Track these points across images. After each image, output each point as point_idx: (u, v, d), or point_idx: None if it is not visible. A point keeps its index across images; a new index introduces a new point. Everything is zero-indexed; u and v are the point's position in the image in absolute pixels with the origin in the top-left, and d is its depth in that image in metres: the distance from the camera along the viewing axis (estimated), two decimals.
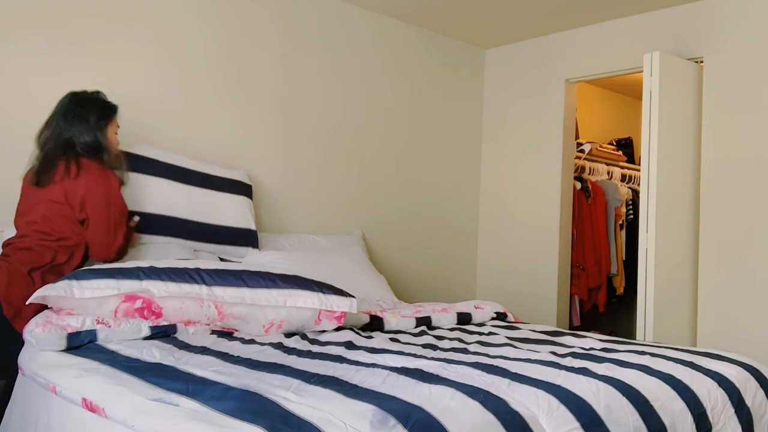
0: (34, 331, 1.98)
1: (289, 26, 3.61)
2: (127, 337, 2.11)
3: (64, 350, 1.98)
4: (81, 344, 2.02)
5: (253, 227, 3.18)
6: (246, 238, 3.14)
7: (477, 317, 2.95)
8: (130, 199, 2.61)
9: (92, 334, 2.05)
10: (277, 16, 3.56)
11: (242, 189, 3.23)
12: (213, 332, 2.28)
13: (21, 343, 2.09)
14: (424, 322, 2.74)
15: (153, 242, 2.81)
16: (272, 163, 3.54)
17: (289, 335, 2.36)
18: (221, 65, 3.34)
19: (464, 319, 2.89)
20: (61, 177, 2.35)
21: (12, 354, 2.10)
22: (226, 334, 2.29)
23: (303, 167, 3.68)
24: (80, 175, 2.36)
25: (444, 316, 2.83)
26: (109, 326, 2.09)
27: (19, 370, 2.05)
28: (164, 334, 2.18)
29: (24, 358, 2.03)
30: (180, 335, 2.21)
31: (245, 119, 3.44)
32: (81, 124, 2.41)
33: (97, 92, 2.53)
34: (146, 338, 2.14)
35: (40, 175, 2.38)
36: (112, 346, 2.00)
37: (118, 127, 2.56)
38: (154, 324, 2.18)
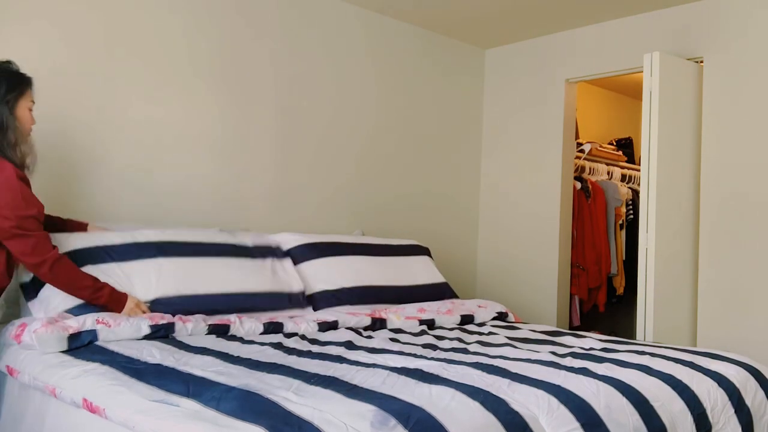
0: (37, 331, 1.97)
1: (286, 26, 3.60)
2: (127, 335, 2.11)
3: (64, 351, 1.98)
4: (82, 345, 2.01)
5: (443, 280, 3.37)
6: (443, 291, 3.30)
7: (479, 317, 2.96)
8: (338, 275, 2.85)
9: (93, 334, 2.05)
10: (274, 16, 3.56)
11: (421, 250, 3.48)
12: (210, 331, 2.29)
13: None
14: (427, 324, 2.75)
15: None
16: (271, 163, 3.54)
17: (289, 335, 2.36)
18: (219, 65, 3.34)
19: (466, 319, 2.90)
20: None
21: None
22: (224, 333, 2.30)
23: (302, 167, 3.68)
24: None
25: (447, 319, 2.85)
26: (110, 326, 2.09)
27: (9, 373, 2.03)
28: (164, 333, 2.18)
29: (21, 363, 1.99)
30: (178, 334, 2.21)
31: (243, 119, 3.43)
32: None
33: (8, 62, 2.16)
34: (146, 337, 2.14)
35: None
36: (112, 347, 2.00)
37: (33, 103, 2.19)
38: (153, 323, 2.19)
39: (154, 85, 3.11)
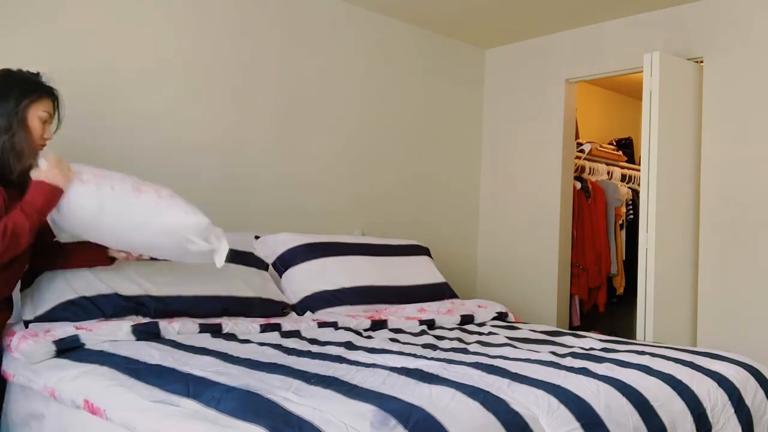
0: (19, 347, 1.92)
1: (288, 25, 3.60)
2: (109, 337, 2.05)
3: (62, 354, 1.94)
4: (71, 347, 1.97)
5: (443, 280, 3.39)
6: (443, 291, 3.31)
7: (479, 317, 2.96)
8: (338, 275, 2.89)
9: (76, 339, 2.00)
10: (277, 15, 3.56)
11: (421, 250, 3.49)
12: (201, 331, 2.27)
13: None
14: (427, 324, 2.75)
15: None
16: (272, 162, 3.54)
17: (288, 335, 2.36)
18: (222, 62, 3.34)
19: (466, 319, 2.90)
20: None
21: None
22: (219, 332, 2.29)
23: (302, 168, 3.68)
24: None
25: (447, 319, 2.84)
26: (90, 330, 2.05)
27: (6, 377, 2.01)
28: (146, 336, 2.12)
29: (16, 367, 1.98)
30: (164, 333, 2.16)
31: (245, 117, 3.43)
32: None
33: (36, 74, 2.02)
34: (135, 335, 2.10)
35: None
36: (109, 348, 1.98)
37: (51, 116, 2.00)
38: (135, 323, 2.14)
39: (154, 86, 3.11)
